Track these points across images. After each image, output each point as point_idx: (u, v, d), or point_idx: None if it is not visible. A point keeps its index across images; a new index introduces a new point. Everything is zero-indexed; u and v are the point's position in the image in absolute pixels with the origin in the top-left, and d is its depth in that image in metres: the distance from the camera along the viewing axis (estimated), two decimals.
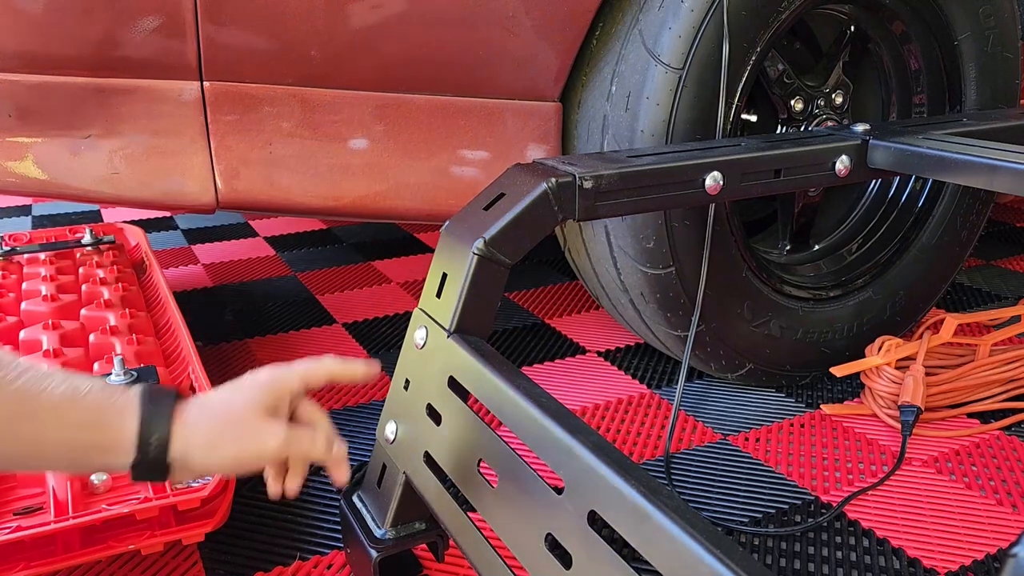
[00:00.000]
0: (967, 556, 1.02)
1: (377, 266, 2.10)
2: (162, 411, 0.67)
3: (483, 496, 0.72)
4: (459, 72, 1.17)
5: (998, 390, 1.35)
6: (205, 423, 0.69)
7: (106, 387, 0.67)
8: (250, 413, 0.71)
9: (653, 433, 1.30)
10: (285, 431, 0.71)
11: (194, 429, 0.68)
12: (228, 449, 0.69)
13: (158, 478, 0.68)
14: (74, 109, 1.06)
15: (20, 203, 2.81)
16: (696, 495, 1.15)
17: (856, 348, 1.43)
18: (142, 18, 1.02)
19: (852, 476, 1.19)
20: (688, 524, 0.53)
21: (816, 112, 1.39)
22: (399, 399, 0.89)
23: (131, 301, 1.48)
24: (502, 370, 0.74)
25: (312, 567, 1.01)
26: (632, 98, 1.18)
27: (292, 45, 1.08)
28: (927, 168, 1.07)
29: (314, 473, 1.20)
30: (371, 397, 1.42)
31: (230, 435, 0.69)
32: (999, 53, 1.43)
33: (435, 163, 1.21)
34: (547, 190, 0.89)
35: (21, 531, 0.86)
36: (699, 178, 1.00)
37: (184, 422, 0.68)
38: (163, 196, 1.12)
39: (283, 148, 1.14)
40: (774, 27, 1.21)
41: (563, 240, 1.45)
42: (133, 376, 1.11)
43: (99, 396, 0.66)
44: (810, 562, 1.02)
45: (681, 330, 1.30)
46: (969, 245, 1.53)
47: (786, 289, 1.38)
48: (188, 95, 1.08)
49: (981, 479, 1.17)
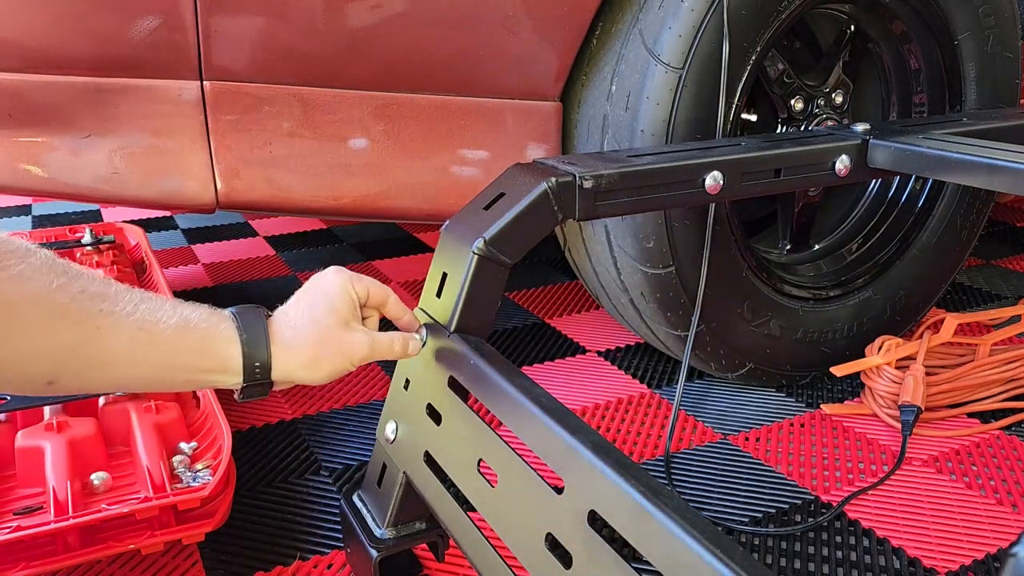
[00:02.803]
0: (967, 556, 1.02)
1: (377, 266, 2.10)
2: (259, 338, 0.72)
3: (483, 496, 0.72)
4: (459, 72, 1.17)
5: (998, 390, 1.35)
6: (300, 344, 0.74)
7: (212, 315, 0.72)
8: (336, 328, 0.75)
9: (653, 433, 1.30)
10: (370, 341, 0.77)
11: (291, 351, 0.73)
12: (325, 366, 0.75)
13: (263, 394, 0.75)
14: (74, 109, 1.06)
15: (20, 203, 2.81)
16: (696, 495, 1.15)
17: (856, 348, 1.43)
18: (142, 17, 1.02)
19: (852, 476, 1.19)
20: (688, 524, 0.53)
21: (816, 112, 1.39)
22: (399, 399, 0.89)
23: None
24: (502, 370, 0.74)
25: (312, 567, 1.01)
26: (632, 98, 1.18)
27: (292, 45, 1.08)
28: (927, 168, 1.07)
29: (314, 473, 1.20)
30: (371, 397, 1.42)
31: (326, 353, 0.75)
32: (999, 53, 1.43)
33: (435, 163, 1.21)
34: (547, 190, 0.89)
35: (21, 531, 0.86)
36: (699, 178, 1.00)
37: (280, 344, 0.73)
38: (163, 196, 1.11)
39: (283, 148, 1.14)
40: (774, 27, 1.21)
41: (563, 240, 1.45)
42: None
43: (207, 325, 0.71)
44: (810, 562, 1.02)
45: (681, 330, 1.30)
46: (969, 245, 1.53)
47: (786, 289, 1.38)
48: (188, 95, 1.08)
49: (981, 479, 1.17)
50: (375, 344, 0.77)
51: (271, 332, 0.73)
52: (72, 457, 0.99)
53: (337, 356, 0.75)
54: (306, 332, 0.74)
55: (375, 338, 0.78)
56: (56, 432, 1.01)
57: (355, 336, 0.76)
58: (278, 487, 1.17)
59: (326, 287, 0.77)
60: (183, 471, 1.01)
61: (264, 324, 0.73)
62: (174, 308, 0.69)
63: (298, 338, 0.74)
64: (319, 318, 0.75)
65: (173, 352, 0.68)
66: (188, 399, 1.20)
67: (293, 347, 0.73)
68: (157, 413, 1.07)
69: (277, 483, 1.18)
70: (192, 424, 1.12)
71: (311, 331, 0.75)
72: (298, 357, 0.74)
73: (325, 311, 0.76)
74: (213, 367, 0.71)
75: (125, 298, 0.67)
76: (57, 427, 1.01)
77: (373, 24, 1.10)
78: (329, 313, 0.76)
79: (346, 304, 0.77)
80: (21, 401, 1.07)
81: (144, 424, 1.05)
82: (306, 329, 0.75)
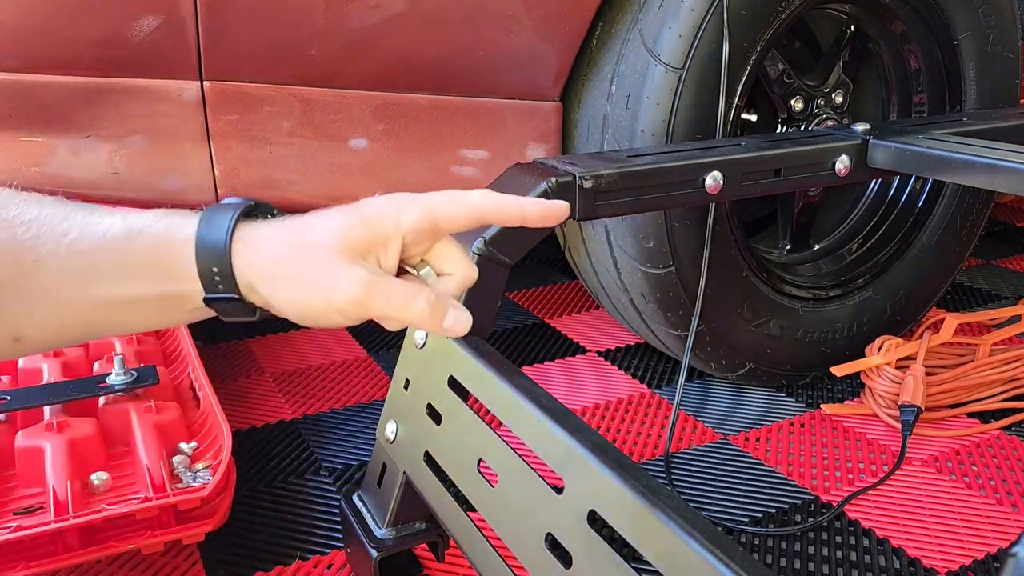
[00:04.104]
0: (967, 556, 1.02)
1: None
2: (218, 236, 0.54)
3: (483, 496, 0.72)
4: (459, 72, 1.17)
5: (998, 390, 1.35)
6: (267, 251, 0.55)
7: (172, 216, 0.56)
8: (326, 247, 0.54)
9: (653, 433, 1.30)
10: (366, 279, 0.54)
11: (255, 256, 0.55)
12: (288, 288, 0.55)
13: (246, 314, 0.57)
14: (74, 109, 1.06)
15: None
16: (696, 495, 1.15)
17: (856, 348, 1.43)
18: (142, 17, 1.02)
19: (852, 476, 1.18)
20: (688, 524, 0.53)
21: (816, 112, 1.39)
22: (399, 399, 0.89)
23: None
24: (502, 370, 0.74)
25: (312, 567, 1.01)
26: (632, 98, 1.18)
27: (292, 44, 1.08)
28: (927, 168, 1.07)
29: (314, 473, 1.20)
30: (371, 397, 1.42)
31: (292, 269, 0.55)
32: (999, 52, 1.43)
33: (435, 163, 1.21)
34: (547, 190, 0.89)
35: (21, 531, 0.86)
36: (699, 178, 1.00)
37: (248, 244, 0.55)
38: (163, 195, 1.11)
39: (283, 148, 1.14)
40: (774, 27, 1.21)
41: (563, 240, 1.45)
42: (133, 376, 1.11)
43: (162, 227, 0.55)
44: (810, 562, 1.02)
45: (681, 330, 1.30)
46: (969, 245, 1.53)
47: (786, 289, 1.38)
48: (188, 95, 1.08)
49: (981, 479, 1.17)
50: (378, 289, 0.55)
51: (240, 231, 0.55)
52: (72, 457, 0.99)
53: (306, 281, 0.54)
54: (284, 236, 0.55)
55: (386, 284, 0.55)
56: (56, 432, 1.01)
57: (349, 270, 0.54)
58: (278, 487, 1.17)
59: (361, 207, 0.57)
60: (183, 471, 1.01)
61: (231, 219, 0.55)
62: (123, 217, 0.56)
63: (266, 245, 0.55)
64: (313, 227, 0.56)
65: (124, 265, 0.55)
66: (188, 399, 1.20)
67: (257, 252, 0.55)
68: (157, 413, 1.07)
69: (277, 483, 1.18)
70: (192, 424, 1.12)
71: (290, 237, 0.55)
72: (258, 266, 0.55)
73: (327, 225, 0.55)
74: (167, 274, 0.55)
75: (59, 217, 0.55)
76: (57, 427, 1.01)
77: (373, 24, 1.10)
78: (332, 229, 0.55)
79: (369, 228, 0.56)
80: (21, 401, 1.07)
81: (144, 424, 1.05)
82: (286, 233, 0.56)
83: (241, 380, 1.47)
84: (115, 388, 1.09)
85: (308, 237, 0.55)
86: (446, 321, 0.57)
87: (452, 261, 0.61)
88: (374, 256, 0.57)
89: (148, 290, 0.56)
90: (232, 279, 0.55)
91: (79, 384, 1.10)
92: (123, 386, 1.09)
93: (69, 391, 1.09)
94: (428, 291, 0.57)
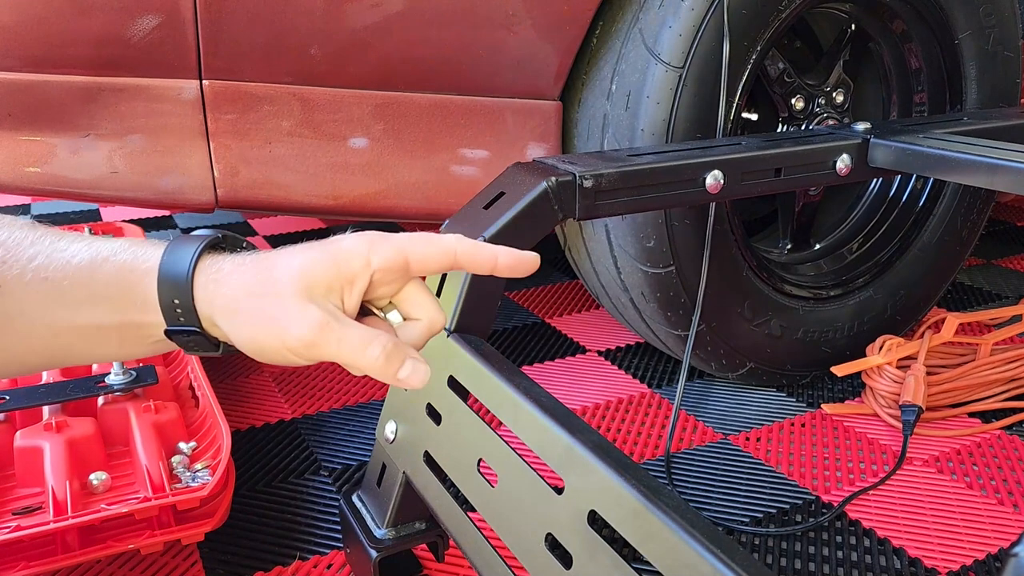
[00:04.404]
0: (968, 556, 1.02)
1: None
2: (180, 267, 0.54)
3: (483, 496, 0.72)
4: (459, 71, 1.17)
5: (999, 389, 1.35)
6: (231, 281, 0.54)
7: (138, 245, 0.56)
8: (286, 284, 0.53)
9: (653, 433, 1.30)
10: (320, 321, 0.52)
11: (217, 289, 0.54)
12: (244, 324, 0.54)
13: (210, 349, 0.56)
14: (74, 108, 1.06)
15: (19, 202, 2.81)
16: (696, 495, 1.15)
17: (857, 347, 1.43)
18: (141, 16, 1.02)
19: (853, 476, 1.18)
20: (688, 524, 0.52)
21: (817, 111, 1.39)
22: (399, 399, 0.88)
23: None
24: (502, 370, 0.74)
25: (312, 567, 1.01)
26: (632, 97, 1.18)
27: (292, 44, 1.08)
28: (928, 167, 1.07)
29: (313, 473, 1.20)
30: (371, 397, 1.41)
31: (250, 305, 0.53)
32: (1000, 52, 1.43)
33: (435, 162, 1.20)
34: (547, 189, 0.88)
35: (21, 531, 0.86)
36: (699, 177, 1.00)
37: (210, 277, 0.54)
38: (162, 195, 1.11)
39: (282, 147, 1.13)
40: (774, 26, 1.21)
41: (563, 239, 1.44)
42: (132, 376, 1.11)
43: (128, 256, 0.55)
44: (811, 562, 1.02)
45: (681, 329, 1.30)
46: (970, 244, 1.53)
47: (787, 288, 1.38)
48: (187, 94, 1.07)
49: (982, 479, 1.17)
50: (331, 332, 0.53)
51: (203, 264, 0.55)
52: (71, 457, 0.99)
53: (261, 319, 0.53)
54: (245, 271, 0.54)
55: (341, 327, 0.53)
56: (55, 432, 1.01)
57: (304, 310, 0.52)
58: (278, 487, 1.17)
59: (332, 244, 0.56)
60: (182, 471, 1.01)
61: (194, 252, 0.54)
62: (89, 244, 0.55)
63: (228, 279, 0.54)
64: (277, 264, 0.54)
65: (88, 292, 0.54)
66: (187, 399, 1.20)
67: (220, 285, 0.54)
68: (156, 413, 1.07)
69: (277, 483, 1.18)
70: (191, 424, 1.12)
71: (251, 273, 0.54)
72: (218, 300, 0.54)
73: (291, 264, 0.54)
74: (130, 305, 0.55)
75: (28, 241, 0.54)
76: (56, 427, 1.01)
77: (373, 23, 1.10)
78: (295, 268, 0.54)
79: (335, 267, 0.54)
80: (20, 401, 1.07)
81: (143, 424, 1.05)
82: (248, 268, 0.55)
83: (240, 380, 1.47)
84: (114, 388, 1.09)
85: (270, 272, 0.54)
86: (401, 372, 0.54)
87: (420, 306, 0.59)
88: (337, 295, 0.55)
89: (110, 319, 0.55)
90: (194, 312, 0.54)
91: (78, 384, 1.10)
92: (122, 386, 1.09)
93: (68, 391, 1.09)
94: (386, 338, 0.54)
